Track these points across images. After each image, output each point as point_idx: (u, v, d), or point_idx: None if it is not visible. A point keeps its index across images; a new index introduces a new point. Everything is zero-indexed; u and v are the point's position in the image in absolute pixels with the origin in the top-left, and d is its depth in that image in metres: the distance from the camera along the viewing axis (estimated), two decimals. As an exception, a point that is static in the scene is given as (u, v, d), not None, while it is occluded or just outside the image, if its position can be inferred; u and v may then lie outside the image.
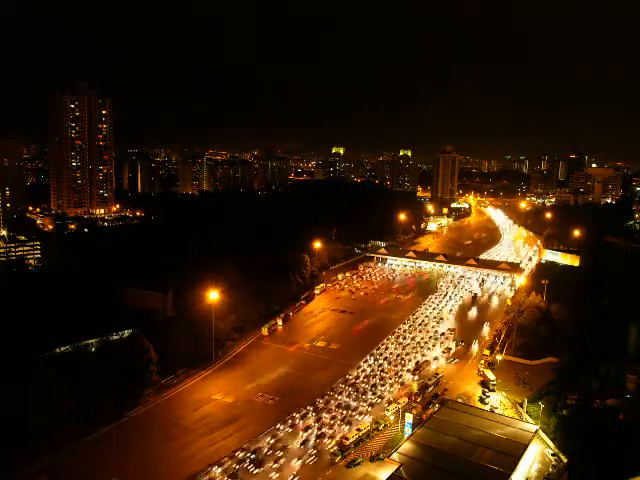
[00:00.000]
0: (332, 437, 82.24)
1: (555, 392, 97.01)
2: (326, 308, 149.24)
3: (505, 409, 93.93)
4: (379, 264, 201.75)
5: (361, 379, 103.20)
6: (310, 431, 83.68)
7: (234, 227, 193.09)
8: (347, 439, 79.85)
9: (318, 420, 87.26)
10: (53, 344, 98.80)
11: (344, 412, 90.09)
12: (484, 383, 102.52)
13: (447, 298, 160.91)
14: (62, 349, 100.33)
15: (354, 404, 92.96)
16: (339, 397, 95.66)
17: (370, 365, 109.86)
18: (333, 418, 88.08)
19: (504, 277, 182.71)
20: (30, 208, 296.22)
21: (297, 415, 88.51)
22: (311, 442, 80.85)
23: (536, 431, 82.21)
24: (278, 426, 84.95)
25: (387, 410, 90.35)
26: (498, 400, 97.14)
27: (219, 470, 73.30)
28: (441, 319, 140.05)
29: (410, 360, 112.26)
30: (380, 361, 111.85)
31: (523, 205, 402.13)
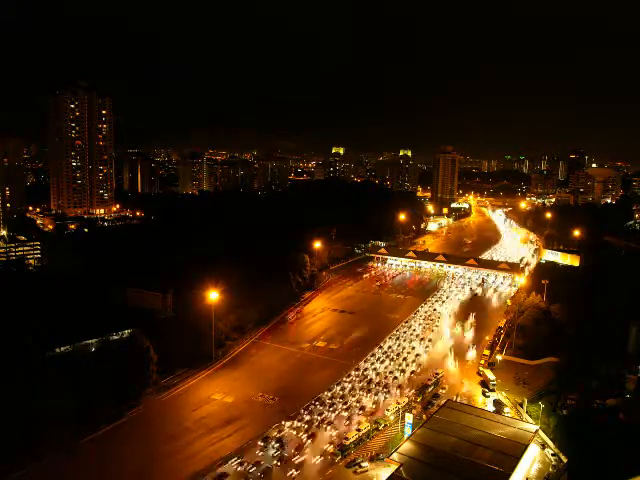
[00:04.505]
0: (333, 436, 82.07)
1: (555, 392, 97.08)
2: (326, 308, 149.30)
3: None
4: (379, 264, 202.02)
5: (360, 379, 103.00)
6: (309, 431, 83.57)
7: (234, 227, 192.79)
8: (347, 439, 79.74)
9: (318, 420, 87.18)
10: (53, 344, 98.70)
11: (344, 412, 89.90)
12: (484, 383, 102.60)
13: (447, 298, 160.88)
14: (62, 349, 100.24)
15: (354, 404, 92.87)
16: (338, 397, 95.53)
17: (370, 366, 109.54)
18: (333, 414, 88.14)
19: (504, 277, 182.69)
20: (30, 208, 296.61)
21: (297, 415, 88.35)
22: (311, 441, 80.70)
23: (536, 431, 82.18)
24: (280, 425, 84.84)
25: (387, 410, 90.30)
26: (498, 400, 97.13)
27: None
28: (440, 319, 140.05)
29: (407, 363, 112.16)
30: (381, 360, 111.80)
31: (523, 205, 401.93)
